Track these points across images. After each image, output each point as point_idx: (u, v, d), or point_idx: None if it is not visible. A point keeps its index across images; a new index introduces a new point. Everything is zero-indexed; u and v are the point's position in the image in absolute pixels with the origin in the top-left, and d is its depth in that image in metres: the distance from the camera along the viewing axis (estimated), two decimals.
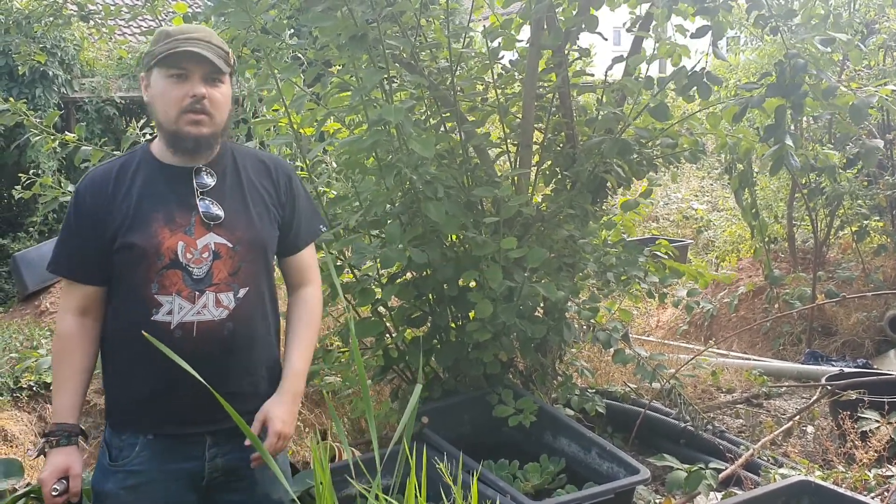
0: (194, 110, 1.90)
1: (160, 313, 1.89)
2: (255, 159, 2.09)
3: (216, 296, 1.91)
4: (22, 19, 8.84)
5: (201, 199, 1.95)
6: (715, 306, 6.63)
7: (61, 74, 9.34)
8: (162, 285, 1.89)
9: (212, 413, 1.86)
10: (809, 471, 3.21)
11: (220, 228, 1.94)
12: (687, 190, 11.40)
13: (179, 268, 1.90)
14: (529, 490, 3.18)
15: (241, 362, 1.96)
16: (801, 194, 6.52)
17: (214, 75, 1.93)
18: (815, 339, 6.12)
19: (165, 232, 1.90)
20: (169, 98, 1.91)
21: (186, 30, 1.96)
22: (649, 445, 4.10)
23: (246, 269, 1.95)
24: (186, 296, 1.89)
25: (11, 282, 8.28)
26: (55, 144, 3.87)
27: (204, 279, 1.90)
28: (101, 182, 1.97)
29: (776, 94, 3.36)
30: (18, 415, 4.46)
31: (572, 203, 3.74)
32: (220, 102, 1.94)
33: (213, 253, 1.92)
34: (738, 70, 8.68)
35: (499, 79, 3.88)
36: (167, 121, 1.93)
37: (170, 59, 1.89)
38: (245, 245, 1.95)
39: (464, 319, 3.69)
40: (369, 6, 3.14)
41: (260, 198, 2.02)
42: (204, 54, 1.89)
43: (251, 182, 2.03)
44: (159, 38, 1.93)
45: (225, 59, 1.95)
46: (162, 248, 1.89)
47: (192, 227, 1.92)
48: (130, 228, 1.91)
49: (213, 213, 1.94)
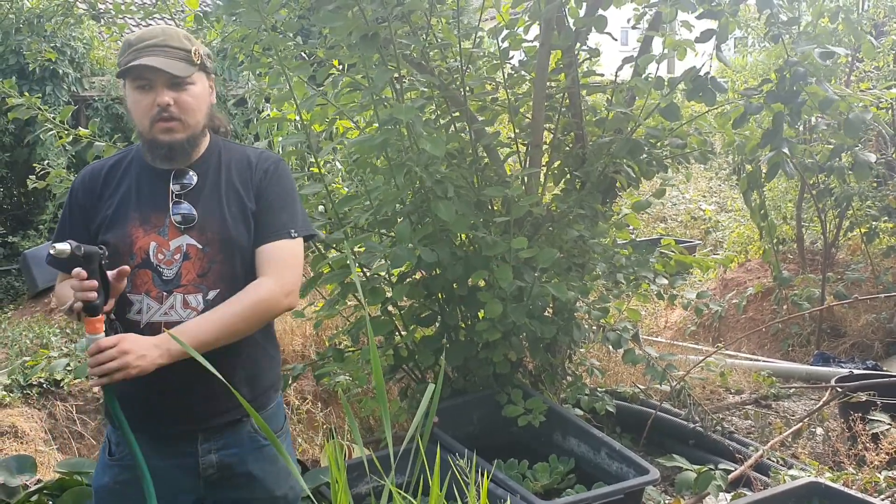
0: (163, 118, 1.89)
1: (132, 312, 1.90)
2: (242, 156, 2.03)
3: (184, 297, 1.89)
4: (33, 18, 8.89)
5: (176, 201, 1.93)
6: (723, 307, 6.61)
7: (71, 73, 9.37)
8: (134, 284, 1.89)
9: (197, 411, 1.90)
10: (819, 472, 3.20)
11: (192, 230, 1.92)
12: (695, 190, 11.38)
13: (150, 268, 1.89)
14: (539, 490, 3.18)
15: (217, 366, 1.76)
16: (809, 195, 6.50)
17: (177, 80, 1.89)
18: (823, 341, 6.10)
19: (139, 232, 1.91)
20: (139, 108, 1.91)
21: (145, 36, 1.91)
22: (658, 446, 4.10)
23: (216, 271, 1.91)
24: (155, 296, 1.89)
25: (21, 279, 8.31)
26: (68, 140, 3.88)
27: (172, 280, 1.89)
28: (91, 179, 2.00)
29: (775, 101, 3.38)
30: (29, 412, 4.48)
31: (582, 203, 3.74)
32: (189, 105, 1.91)
33: (183, 254, 1.90)
34: (746, 71, 8.67)
35: (509, 79, 3.88)
36: (143, 130, 1.93)
37: (130, 73, 1.89)
38: (215, 246, 1.92)
39: (473, 319, 3.69)
40: (380, 5, 3.14)
41: (236, 197, 1.96)
42: (156, 66, 1.86)
43: (230, 181, 1.98)
44: (123, 49, 1.92)
45: (186, 58, 1.90)
46: (134, 248, 1.90)
47: (167, 228, 1.92)
48: (109, 227, 1.93)
49: (186, 216, 1.92)
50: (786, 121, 3.38)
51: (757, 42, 8.81)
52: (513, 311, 3.34)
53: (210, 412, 1.94)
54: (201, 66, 1.95)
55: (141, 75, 1.88)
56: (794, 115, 3.36)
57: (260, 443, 2.00)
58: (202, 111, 1.95)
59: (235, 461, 1.97)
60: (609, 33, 3.67)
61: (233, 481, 1.96)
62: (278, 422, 2.09)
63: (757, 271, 7.22)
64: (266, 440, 1.98)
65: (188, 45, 1.92)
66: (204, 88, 1.96)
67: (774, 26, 3.37)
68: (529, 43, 3.88)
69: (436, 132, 3.60)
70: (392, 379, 3.89)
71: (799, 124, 4.63)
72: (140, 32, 1.94)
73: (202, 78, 1.96)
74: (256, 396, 2.00)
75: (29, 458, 3.00)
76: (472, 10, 3.87)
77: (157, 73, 1.87)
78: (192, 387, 1.88)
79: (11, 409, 4.44)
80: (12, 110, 3.79)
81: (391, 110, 3.14)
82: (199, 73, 1.94)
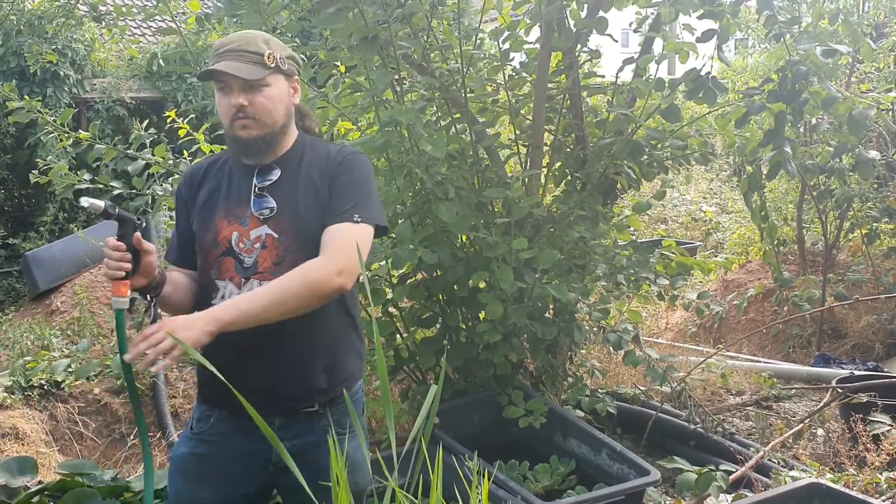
0: (239, 118, 2.01)
1: (217, 297, 2.02)
2: (323, 152, 2.12)
3: (260, 283, 1.98)
4: (34, 20, 8.90)
5: (258, 194, 2.05)
6: (724, 308, 6.61)
7: (72, 74, 9.38)
8: (219, 271, 2.03)
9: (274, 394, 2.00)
10: (820, 473, 3.20)
11: (271, 221, 2.03)
12: (696, 192, 11.38)
13: (232, 255, 2.02)
14: (540, 491, 3.18)
15: (287, 349, 2.00)
16: (810, 196, 6.50)
17: (250, 83, 1.99)
18: (824, 342, 6.10)
19: (224, 223, 2.04)
20: (220, 109, 2.05)
21: (227, 41, 2.04)
22: (659, 447, 4.10)
23: (291, 260, 1.99)
24: (236, 282, 2.01)
25: (22, 281, 8.32)
26: (68, 143, 3.89)
27: (251, 267, 2.01)
28: (191, 177, 2.17)
29: (777, 100, 3.38)
30: (30, 413, 4.49)
31: (583, 204, 3.74)
32: (264, 106, 2.01)
33: (261, 243, 2.02)
34: (747, 72, 8.67)
35: (510, 80, 3.89)
36: (225, 128, 2.06)
37: (210, 77, 2.02)
38: (290, 236, 2.01)
39: (474, 320, 3.70)
40: (380, 7, 3.15)
41: (313, 190, 2.06)
42: (227, 71, 1.97)
43: (309, 175, 2.07)
44: (212, 53, 2.06)
45: (259, 62, 2.00)
46: (219, 238, 2.03)
47: (247, 219, 2.04)
48: (199, 220, 2.08)
49: (266, 208, 2.04)
50: (788, 120, 3.39)
51: (757, 43, 8.81)
52: (513, 313, 3.34)
53: (286, 397, 2.03)
54: (276, 69, 2.03)
55: (219, 78, 2.00)
56: (796, 115, 3.36)
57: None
58: (279, 111, 2.04)
59: (307, 449, 2.02)
60: (610, 35, 3.68)
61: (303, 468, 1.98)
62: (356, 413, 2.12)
63: (758, 272, 7.22)
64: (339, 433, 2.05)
65: (263, 49, 2.01)
66: (281, 90, 2.05)
67: (775, 26, 3.37)
68: (530, 44, 3.88)
69: (436, 134, 3.60)
70: (393, 380, 3.89)
71: (799, 126, 4.64)
72: (226, 38, 2.07)
73: (279, 80, 2.04)
74: (334, 387, 2.06)
75: (30, 459, 3.01)
76: (473, 11, 3.87)
77: (231, 76, 1.98)
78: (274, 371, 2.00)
79: (12, 410, 4.45)
80: (13, 113, 3.80)
81: (392, 112, 3.14)
82: (275, 76, 2.03)
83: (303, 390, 2.05)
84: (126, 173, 3.78)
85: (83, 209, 1.92)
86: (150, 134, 3.87)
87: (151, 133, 3.89)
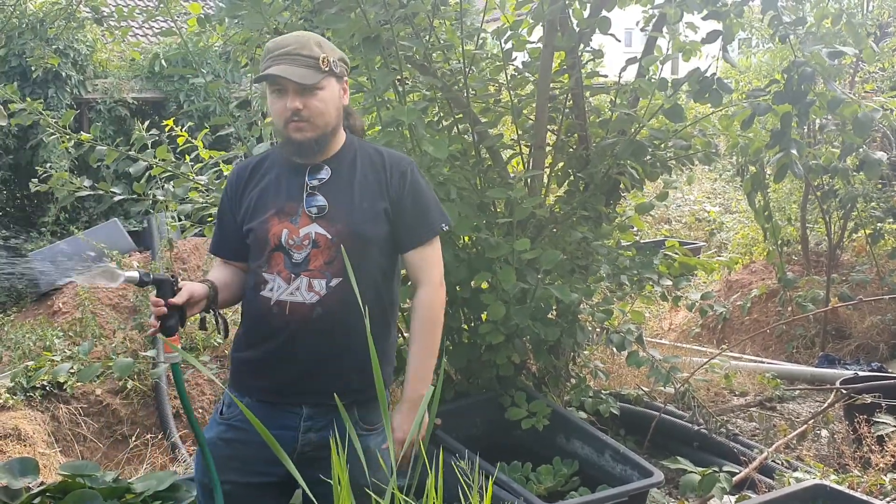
0: (294, 121, 2.07)
1: (265, 289, 2.09)
2: (377, 155, 2.20)
3: (309, 280, 2.06)
4: (36, 22, 8.91)
5: (310, 193, 2.11)
6: (728, 309, 6.59)
7: (74, 75, 9.39)
8: (269, 264, 2.10)
9: (306, 386, 2.09)
10: (824, 475, 3.19)
11: (322, 220, 2.09)
12: (699, 192, 11.36)
13: (282, 251, 2.08)
14: (542, 492, 3.17)
15: (327, 346, 2.08)
16: (814, 196, 6.48)
17: (305, 86, 2.05)
18: (828, 343, 6.08)
19: (275, 220, 2.10)
20: (274, 110, 2.10)
21: (281, 44, 2.08)
22: (662, 448, 4.08)
23: (342, 261, 2.03)
24: (285, 277, 2.07)
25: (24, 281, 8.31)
26: (70, 144, 3.88)
27: (301, 264, 2.07)
28: (240, 174, 2.23)
29: (783, 101, 3.37)
30: (32, 414, 4.49)
31: (585, 205, 3.73)
32: (318, 108, 2.07)
33: (312, 241, 2.08)
34: (750, 72, 8.65)
35: (512, 80, 3.88)
36: (278, 129, 2.13)
37: (266, 80, 2.09)
38: (343, 237, 2.07)
39: (476, 321, 3.69)
40: (382, 7, 3.14)
41: (368, 193, 2.13)
42: (285, 76, 2.02)
43: (363, 177, 2.15)
44: (264, 55, 2.11)
45: (314, 65, 2.06)
46: (269, 234, 2.09)
47: (298, 217, 2.09)
48: (251, 217, 2.14)
49: (317, 206, 2.10)
50: (794, 121, 3.38)
51: (761, 43, 8.79)
52: (516, 314, 3.33)
53: (318, 391, 2.08)
54: (330, 72, 2.09)
55: (275, 81, 2.06)
56: (802, 116, 3.36)
57: (357, 432, 2.10)
58: (331, 113, 2.11)
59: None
60: (613, 34, 3.66)
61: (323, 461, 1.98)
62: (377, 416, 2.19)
63: (761, 273, 7.20)
64: (363, 431, 2.13)
65: (318, 53, 2.07)
66: (333, 92, 2.11)
67: (780, 27, 3.36)
68: (533, 44, 3.87)
69: (438, 134, 3.59)
70: (396, 381, 3.88)
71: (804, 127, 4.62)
72: (278, 39, 2.11)
73: (331, 82, 2.10)
74: (365, 388, 2.09)
75: (32, 460, 2.99)
76: (475, 11, 3.86)
77: (287, 80, 2.04)
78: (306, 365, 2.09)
79: (14, 411, 4.45)
80: (14, 116, 3.79)
81: (394, 112, 3.14)
82: (329, 79, 2.09)
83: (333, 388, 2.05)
84: (128, 174, 3.78)
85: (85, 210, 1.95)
86: (151, 135, 3.86)
87: (153, 134, 3.88)
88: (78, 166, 8.98)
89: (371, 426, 2.16)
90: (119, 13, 4.35)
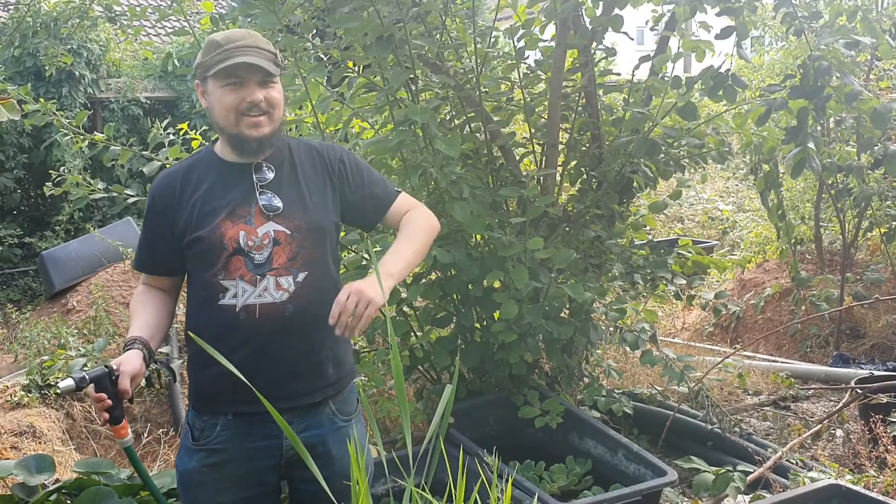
0: (252, 113, 2.01)
1: (226, 297, 2.01)
2: (309, 149, 2.18)
3: (276, 279, 2.01)
4: (50, 21, 8.96)
5: (261, 192, 2.06)
6: (741, 308, 6.56)
7: (87, 74, 9.44)
8: (227, 271, 2.01)
9: (285, 390, 2.03)
10: (839, 475, 3.17)
11: (278, 218, 2.05)
12: (712, 190, 11.31)
13: (242, 254, 2.01)
14: (556, 491, 3.17)
15: (303, 343, 2.04)
16: (828, 195, 6.44)
17: (267, 79, 2.02)
18: (842, 342, 6.04)
19: (228, 224, 2.03)
20: (226, 104, 2.01)
21: (234, 38, 2.02)
22: (675, 447, 4.07)
23: (304, 255, 2.04)
24: (249, 280, 2.01)
25: (39, 280, 8.37)
26: (84, 144, 3.90)
27: (264, 264, 2.02)
28: (169, 184, 2.11)
29: (799, 96, 3.34)
30: (46, 412, 4.51)
31: (599, 203, 3.72)
32: (276, 101, 2.05)
33: (272, 240, 2.03)
34: (763, 70, 8.60)
35: (524, 78, 3.87)
36: (228, 125, 2.04)
37: (224, 72, 1.99)
38: (303, 232, 2.05)
39: (489, 320, 3.68)
40: (395, 6, 3.14)
41: (317, 186, 2.12)
42: (256, 63, 1.98)
43: (306, 172, 2.12)
44: (210, 49, 2.02)
45: (274, 60, 2.04)
46: (225, 239, 2.01)
47: (252, 217, 2.04)
48: (197, 225, 2.04)
49: (272, 205, 2.05)
50: (811, 116, 3.35)
51: (774, 42, 8.74)
52: (529, 313, 3.32)
53: (298, 392, 2.06)
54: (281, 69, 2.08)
55: (234, 73, 1.99)
56: (819, 111, 3.32)
57: (338, 424, 2.12)
58: (282, 108, 2.10)
59: (317, 441, 2.07)
60: (625, 32, 3.65)
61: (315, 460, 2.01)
62: (353, 404, 2.20)
63: (775, 272, 7.16)
64: (343, 422, 2.13)
65: (272, 48, 2.06)
66: (281, 88, 2.09)
67: (795, 21, 3.33)
68: (545, 42, 3.86)
69: (451, 133, 3.59)
70: (408, 380, 3.89)
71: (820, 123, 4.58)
72: (226, 34, 2.06)
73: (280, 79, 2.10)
74: (339, 378, 2.14)
75: (48, 457, 3.01)
76: (487, 10, 3.86)
77: (251, 71, 1.99)
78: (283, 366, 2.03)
79: (30, 408, 4.47)
80: (28, 116, 3.81)
81: (406, 111, 3.14)
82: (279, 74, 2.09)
83: (313, 385, 2.09)
84: (142, 172, 3.79)
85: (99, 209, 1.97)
86: (167, 133, 3.87)
87: (168, 132, 3.89)
88: (92, 165, 9.03)
89: (348, 416, 2.16)
90: (132, 12, 4.37)
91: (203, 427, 2.08)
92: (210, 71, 2.00)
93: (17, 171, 9.22)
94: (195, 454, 2.09)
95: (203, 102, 2.09)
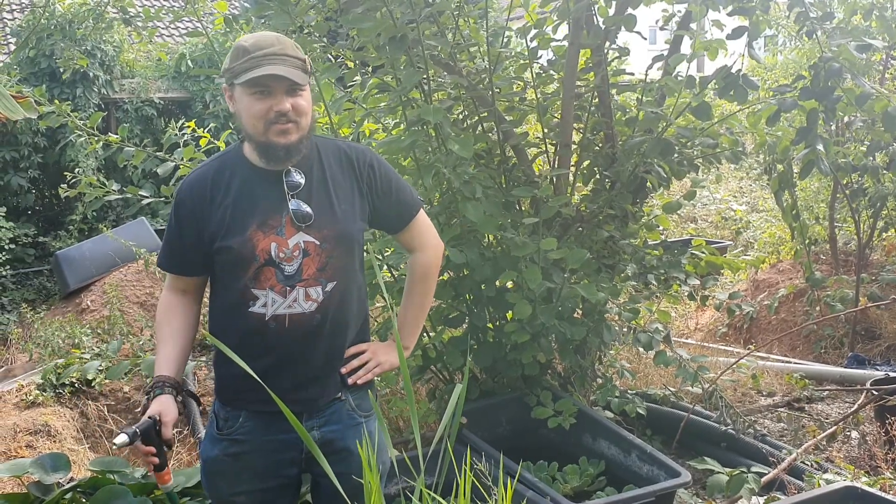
0: (280, 122, 1.99)
1: (256, 305, 2.03)
2: (338, 151, 2.16)
3: (305, 290, 2.03)
4: (65, 23, 9.02)
5: (291, 200, 2.05)
6: (755, 309, 6.53)
7: (101, 75, 9.50)
8: (257, 280, 2.02)
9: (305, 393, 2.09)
10: (855, 477, 3.14)
11: (308, 228, 2.05)
12: (726, 191, 11.26)
13: (273, 265, 2.02)
14: (569, 492, 3.16)
15: (327, 349, 2.10)
16: (843, 195, 6.40)
17: (295, 87, 2.00)
18: (857, 343, 6.01)
19: (259, 235, 2.02)
20: (254, 112, 2.00)
21: (262, 44, 1.99)
22: (689, 448, 4.05)
23: (333, 265, 2.06)
24: (279, 291, 2.02)
25: (53, 280, 8.42)
26: (98, 146, 3.92)
27: (294, 276, 2.03)
28: (198, 188, 2.09)
29: (809, 97, 3.33)
30: (61, 410, 4.54)
31: (612, 203, 3.71)
32: (304, 109, 2.03)
33: (302, 251, 2.03)
34: (777, 69, 8.56)
35: (537, 78, 3.86)
36: (256, 133, 2.02)
37: (252, 81, 1.97)
38: (332, 242, 2.06)
39: (502, 320, 3.68)
40: (408, 7, 3.14)
41: (345, 193, 2.11)
42: (283, 75, 1.96)
43: (335, 177, 2.12)
44: (237, 55, 2.00)
45: (302, 67, 2.02)
46: (257, 251, 2.01)
47: (283, 227, 2.03)
48: (228, 233, 2.03)
49: (302, 213, 2.04)
50: (820, 118, 3.33)
51: (788, 41, 8.69)
52: (542, 313, 3.32)
53: (317, 392, 2.11)
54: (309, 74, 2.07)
55: (261, 83, 1.97)
56: (829, 112, 3.31)
57: (356, 420, 2.17)
58: (311, 114, 2.08)
59: (336, 437, 2.12)
60: (638, 32, 3.64)
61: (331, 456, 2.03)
62: (370, 402, 2.22)
63: (789, 272, 7.13)
64: (361, 418, 2.17)
65: (301, 55, 2.04)
66: (309, 94, 2.08)
67: (807, 22, 3.32)
68: (558, 42, 3.85)
69: (464, 133, 3.59)
70: (420, 380, 3.88)
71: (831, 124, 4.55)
72: (254, 39, 2.02)
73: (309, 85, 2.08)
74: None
75: (63, 456, 3.03)
76: (500, 10, 3.85)
77: (279, 80, 1.97)
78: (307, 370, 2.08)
79: (44, 407, 4.51)
80: (43, 118, 3.83)
81: (419, 111, 3.13)
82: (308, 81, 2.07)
83: (330, 386, 2.14)
84: (156, 172, 3.81)
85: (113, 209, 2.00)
86: (182, 133, 3.89)
87: (183, 133, 3.91)
88: (106, 165, 9.08)
89: (367, 412, 2.19)
90: (146, 14, 4.39)
91: (227, 417, 2.13)
92: (238, 79, 1.99)
93: (31, 171, 9.28)
94: (219, 443, 2.14)
95: (231, 107, 2.08)
